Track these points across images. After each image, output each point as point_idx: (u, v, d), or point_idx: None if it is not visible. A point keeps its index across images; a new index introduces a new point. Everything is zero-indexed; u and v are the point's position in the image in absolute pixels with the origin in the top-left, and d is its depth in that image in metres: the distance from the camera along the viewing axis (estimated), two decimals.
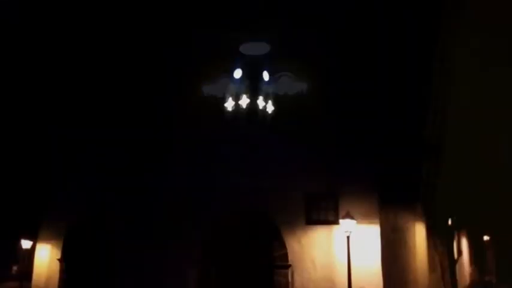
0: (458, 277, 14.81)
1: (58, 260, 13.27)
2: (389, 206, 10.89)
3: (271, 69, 10.20)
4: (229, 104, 10.43)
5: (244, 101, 10.31)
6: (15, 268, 15.64)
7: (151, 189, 12.14)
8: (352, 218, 9.75)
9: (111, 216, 12.58)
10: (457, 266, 14.82)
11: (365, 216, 10.10)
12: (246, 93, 10.34)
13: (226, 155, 11.65)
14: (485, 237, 25.39)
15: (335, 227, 10.34)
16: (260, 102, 10.38)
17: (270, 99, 10.41)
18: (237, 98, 10.41)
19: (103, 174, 12.83)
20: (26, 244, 13.71)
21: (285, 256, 10.76)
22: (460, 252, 14.85)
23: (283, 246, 10.82)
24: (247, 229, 11.27)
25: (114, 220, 12.49)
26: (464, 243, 20.93)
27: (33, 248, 13.67)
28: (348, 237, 9.71)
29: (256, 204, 11.20)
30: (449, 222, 13.62)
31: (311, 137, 10.76)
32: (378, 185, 10.24)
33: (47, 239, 13.63)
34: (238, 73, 10.46)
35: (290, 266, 10.64)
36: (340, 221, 9.94)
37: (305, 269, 10.52)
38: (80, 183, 13.22)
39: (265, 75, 10.46)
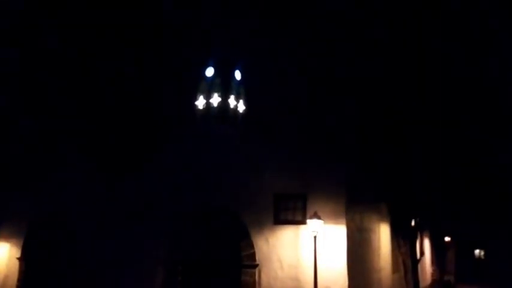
0: (420, 277, 15.31)
1: (17, 258, 12.86)
2: (356, 206, 11.10)
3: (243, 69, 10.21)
4: (200, 103, 10.38)
5: (215, 100, 10.28)
6: None
7: (115, 187, 11.92)
8: (319, 218, 9.88)
9: (74, 215, 12.28)
10: (419, 266, 15.31)
11: (332, 217, 10.25)
12: (217, 92, 10.30)
13: (195, 153, 11.62)
14: (446, 239, 26.40)
15: (302, 227, 10.44)
16: (231, 101, 10.38)
17: (241, 98, 10.43)
18: (208, 97, 10.36)
19: (66, 172, 12.51)
20: None
21: (253, 256, 10.79)
22: (422, 252, 15.34)
23: (251, 245, 10.83)
24: (215, 228, 11.24)
25: (77, 218, 12.20)
26: (427, 244, 21.66)
27: None
28: (315, 237, 9.84)
29: (224, 204, 11.19)
30: (412, 223, 14.05)
31: (281, 137, 10.85)
32: (345, 185, 10.41)
33: (6, 238, 13.20)
34: (210, 71, 10.42)
35: (257, 265, 10.67)
36: (308, 221, 10.05)
37: (272, 268, 10.58)
38: (41, 181, 12.84)
39: (237, 75, 10.49)
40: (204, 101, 10.45)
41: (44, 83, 11.48)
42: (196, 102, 10.44)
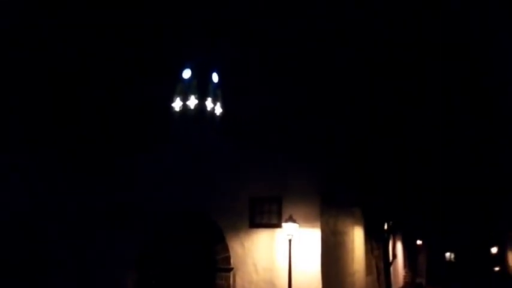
0: (392, 279, 15.60)
1: None
2: (330, 210, 11.24)
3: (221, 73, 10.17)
4: (177, 105, 10.25)
5: (192, 102, 10.18)
6: None
7: (87, 189, 11.66)
8: (294, 221, 9.94)
9: (43, 218, 11.92)
10: (392, 269, 15.61)
11: (307, 220, 10.33)
12: (194, 94, 10.21)
13: (170, 155, 11.50)
14: (418, 242, 27.03)
15: (278, 230, 10.48)
16: (208, 103, 10.30)
17: (218, 101, 10.38)
18: (185, 99, 10.25)
19: (35, 175, 12.13)
20: None
21: (228, 259, 10.75)
22: (394, 255, 15.64)
23: (226, 249, 10.79)
24: (190, 232, 11.15)
25: (46, 222, 11.84)
26: (399, 247, 22.10)
27: None
28: (290, 241, 9.89)
29: (200, 207, 11.11)
30: (385, 226, 14.33)
31: (257, 141, 10.87)
32: (320, 189, 10.52)
33: None
34: (187, 73, 10.34)
35: (232, 269, 10.63)
36: (283, 224, 10.10)
37: (247, 272, 10.56)
38: (10, 183, 12.41)
39: (215, 77, 10.44)
40: (181, 103, 10.33)
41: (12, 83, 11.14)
42: (173, 104, 10.31)
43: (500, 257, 31.71)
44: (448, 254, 36.26)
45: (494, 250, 33.01)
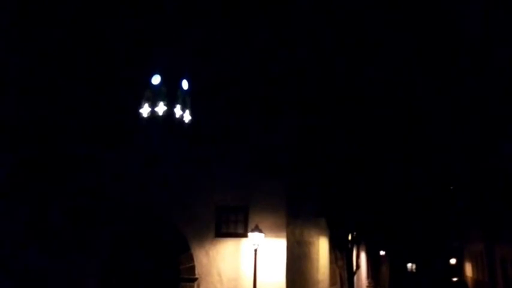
0: None
1: None
2: (296, 220, 11.34)
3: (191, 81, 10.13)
4: (145, 111, 10.12)
5: (160, 108, 10.06)
6: None
7: (49, 196, 11.23)
8: (260, 231, 9.95)
9: (4, 224, 11.37)
10: (355, 279, 15.85)
11: (273, 230, 10.37)
12: (163, 100, 10.10)
13: (136, 163, 11.25)
14: (381, 252, 27.63)
15: (244, 240, 10.45)
16: (177, 110, 10.21)
17: (187, 108, 10.31)
18: (153, 105, 10.13)
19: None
20: None
21: (192, 269, 10.60)
22: (358, 265, 15.91)
23: (190, 259, 10.65)
24: (155, 241, 10.92)
25: (7, 229, 11.30)
26: (363, 257, 22.49)
27: None
28: (256, 250, 9.88)
29: (165, 215, 10.93)
30: (349, 237, 14.56)
31: (224, 150, 10.86)
32: (286, 199, 10.61)
33: None
34: (156, 79, 10.22)
35: (197, 279, 10.49)
36: (249, 233, 10.09)
37: (212, 282, 10.45)
38: None
39: (185, 84, 10.37)
40: (149, 109, 10.19)
41: None
42: (141, 110, 10.16)
43: (458, 268, 32.95)
44: (409, 265, 37.27)
45: (452, 261, 34.25)
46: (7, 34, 9.77)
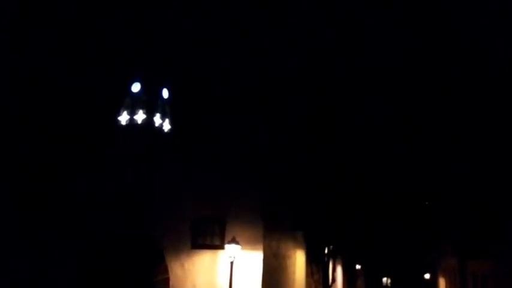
0: None
1: None
2: (273, 233, 11.29)
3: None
4: (124, 118, 10.01)
5: (140, 117, 10.00)
6: None
7: (27, 207, 10.85)
8: (237, 243, 9.85)
9: None
10: None
11: (250, 242, 10.28)
12: (142, 108, 10.03)
13: (112, 171, 10.98)
14: (357, 266, 27.77)
15: (220, 252, 10.33)
16: (157, 119, 10.15)
17: (167, 117, 10.25)
18: (132, 113, 10.04)
19: None
20: None
21: (167, 281, 10.38)
22: (333, 279, 15.94)
23: (165, 271, 10.43)
24: (129, 252, 10.66)
25: None
26: (339, 271, 22.54)
27: None
28: (232, 263, 9.77)
29: (140, 226, 10.70)
30: (326, 251, 14.61)
31: (202, 162, 10.76)
32: (263, 212, 10.57)
33: None
34: (136, 87, 10.13)
35: None
36: (226, 246, 9.98)
37: None
38: None
39: (165, 93, 10.31)
40: (128, 117, 10.09)
41: None
42: (119, 118, 10.04)
43: (432, 283, 33.34)
44: (384, 279, 37.53)
45: (427, 276, 34.67)
46: None
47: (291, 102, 10.94)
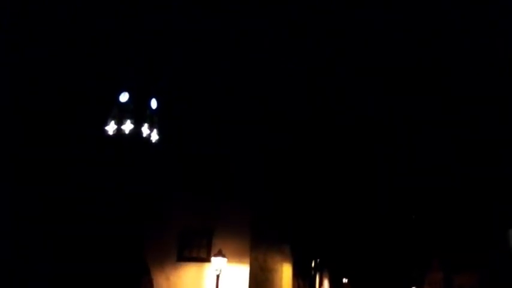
0: None
1: None
2: (260, 246, 11.20)
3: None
4: (111, 128, 9.81)
5: (127, 127, 9.78)
6: None
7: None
8: (224, 256, 9.73)
9: None
10: None
11: (236, 255, 10.17)
12: (130, 118, 9.84)
13: (100, 182, 10.84)
14: (344, 280, 27.70)
15: (206, 265, 10.19)
16: (145, 129, 9.96)
17: (155, 128, 10.08)
18: (120, 123, 9.82)
19: None
20: None
21: None
22: None
23: (150, 283, 10.23)
24: (113, 263, 10.44)
25: None
26: (326, 284, 22.45)
27: None
28: (218, 276, 9.64)
29: (125, 237, 10.51)
30: (313, 264, 14.54)
31: (190, 173, 10.68)
32: (250, 225, 10.49)
33: None
34: (124, 96, 9.98)
35: None
36: (212, 258, 9.85)
37: None
38: None
39: (153, 103, 10.18)
40: (115, 127, 9.87)
41: None
42: (107, 127, 9.81)
43: None
44: None
45: None
46: None
47: (284, 114, 10.94)
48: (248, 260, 10.27)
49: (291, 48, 9.27)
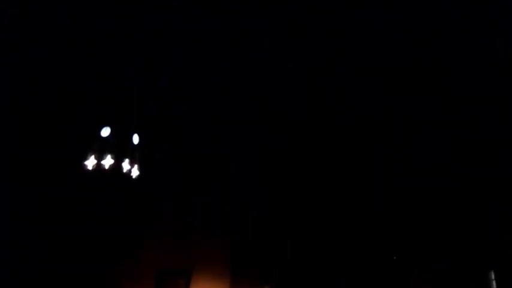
0: None
1: None
2: (240, 285, 10.94)
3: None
4: (90, 163, 9.51)
5: (107, 162, 9.49)
6: None
7: None
8: None
9: None
10: None
11: None
12: (111, 153, 9.57)
13: (77, 217, 10.50)
14: None
15: None
16: (125, 165, 9.69)
17: (136, 163, 9.84)
18: (100, 157, 9.53)
19: None
20: None
21: None
22: None
23: None
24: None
25: None
26: None
27: None
28: None
29: (100, 276, 10.16)
30: None
31: (168, 211, 10.48)
32: (230, 265, 10.27)
33: None
34: (106, 131, 9.72)
35: None
36: None
37: None
38: None
39: (135, 138, 9.96)
40: (95, 162, 9.57)
41: None
42: (86, 162, 9.52)
43: None
44: None
45: None
46: None
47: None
48: None
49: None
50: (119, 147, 9.76)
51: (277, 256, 12.13)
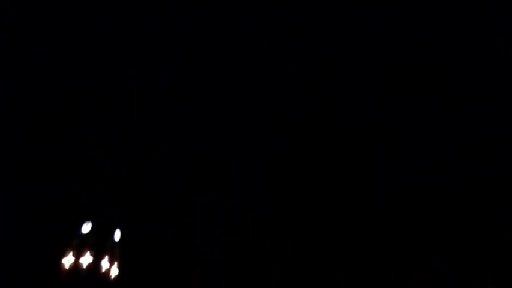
0: None
1: None
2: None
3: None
4: (68, 260, 8.89)
5: (86, 259, 8.94)
6: None
7: None
8: None
9: None
10: None
11: None
12: (90, 250, 8.99)
13: None
14: None
15: None
16: (104, 263, 9.32)
17: (116, 261, 9.45)
18: (78, 255, 8.95)
19: None
20: None
21: None
22: None
23: None
24: None
25: None
26: None
27: None
28: None
29: None
30: None
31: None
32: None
33: None
34: (87, 227, 9.37)
35: None
36: None
37: None
38: None
39: (117, 234, 9.60)
40: (73, 259, 8.97)
41: None
42: (63, 260, 9.14)
43: None
44: None
45: None
46: None
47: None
48: None
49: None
50: (99, 244, 9.27)
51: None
